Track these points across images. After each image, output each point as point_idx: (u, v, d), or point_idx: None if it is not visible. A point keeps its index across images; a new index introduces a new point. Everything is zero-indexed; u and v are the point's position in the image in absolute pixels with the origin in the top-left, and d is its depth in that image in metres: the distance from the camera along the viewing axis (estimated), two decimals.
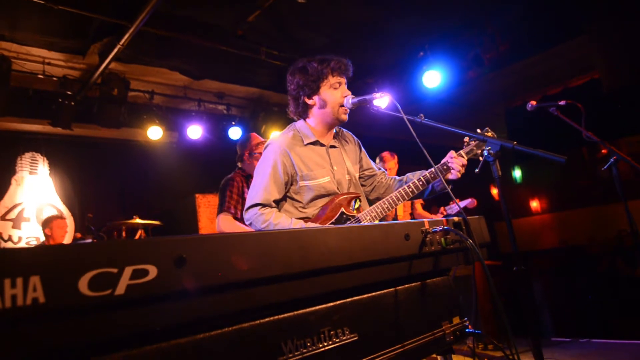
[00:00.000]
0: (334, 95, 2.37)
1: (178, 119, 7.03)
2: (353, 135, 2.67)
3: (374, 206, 2.34)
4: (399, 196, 2.30)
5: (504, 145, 1.79)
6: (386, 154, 5.04)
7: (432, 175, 2.29)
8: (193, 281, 0.96)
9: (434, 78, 6.03)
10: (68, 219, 6.50)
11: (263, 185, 2.30)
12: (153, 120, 6.61)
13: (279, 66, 5.99)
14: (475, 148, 2.32)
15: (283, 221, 2.21)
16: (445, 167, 2.29)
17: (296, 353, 1.14)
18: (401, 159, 5.11)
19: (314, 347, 1.19)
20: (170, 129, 7.01)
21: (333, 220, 2.26)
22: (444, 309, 1.65)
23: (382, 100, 2.27)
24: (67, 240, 5.74)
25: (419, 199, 4.25)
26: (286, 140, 2.38)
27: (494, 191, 9.52)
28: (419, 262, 1.54)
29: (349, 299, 1.34)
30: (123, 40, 4.79)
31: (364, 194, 2.53)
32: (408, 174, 2.52)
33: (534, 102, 3.20)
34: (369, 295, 1.40)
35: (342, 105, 2.37)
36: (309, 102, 2.42)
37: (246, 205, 2.34)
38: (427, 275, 1.63)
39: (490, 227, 1.92)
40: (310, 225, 2.23)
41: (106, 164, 7.17)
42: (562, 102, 3.14)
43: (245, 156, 3.71)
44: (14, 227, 6.23)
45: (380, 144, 5.39)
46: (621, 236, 6.82)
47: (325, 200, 2.33)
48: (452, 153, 2.35)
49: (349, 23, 5.51)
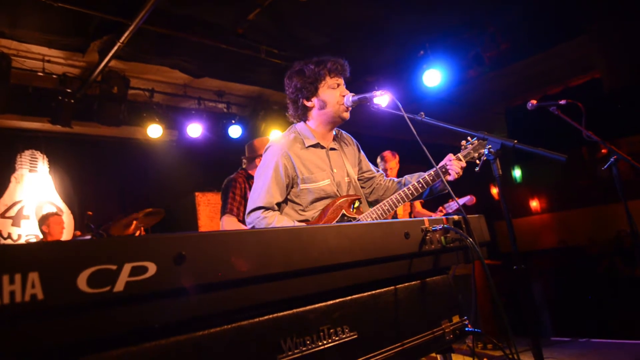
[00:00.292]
0: (333, 94, 2.36)
1: (178, 117, 7.03)
2: (352, 137, 2.67)
3: (374, 208, 2.34)
4: (399, 198, 2.32)
5: (505, 143, 1.78)
6: (387, 154, 5.04)
7: (431, 178, 2.31)
8: (192, 278, 0.96)
9: (434, 77, 6.02)
10: (67, 217, 6.50)
11: (265, 187, 2.27)
12: (153, 118, 6.60)
13: (279, 65, 5.98)
14: (472, 151, 2.33)
15: (286, 224, 2.20)
16: (443, 170, 2.30)
17: (295, 351, 1.14)
18: (401, 159, 5.11)
19: (314, 345, 1.18)
20: (170, 127, 6.99)
21: (334, 222, 2.26)
22: (444, 307, 1.65)
23: (382, 99, 2.27)
24: (66, 237, 5.73)
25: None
26: (287, 142, 2.37)
27: (494, 191, 9.52)
28: (419, 261, 1.53)
29: (349, 297, 1.34)
30: (123, 38, 4.78)
31: (363, 196, 2.53)
32: (406, 176, 2.53)
33: (534, 101, 3.20)
34: (369, 293, 1.40)
35: (342, 104, 2.36)
36: (308, 104, 2.41)
37: (248, 208, 2.31)
38: (426, 273, 1.63)
39: (490, 226, 1.91)
40: None
41: (106, 162, 7.16)
42: (562, 102, 3.14)
43: (257, 159, 3.69)
44: (13, 224, 6.22)
45: (381, 144, 5.39)
46: (621, 236, 6.81)
47: (324, 202, 2.33)
48: (450, 156, 2.36)
49: (349, 21, 5.50)
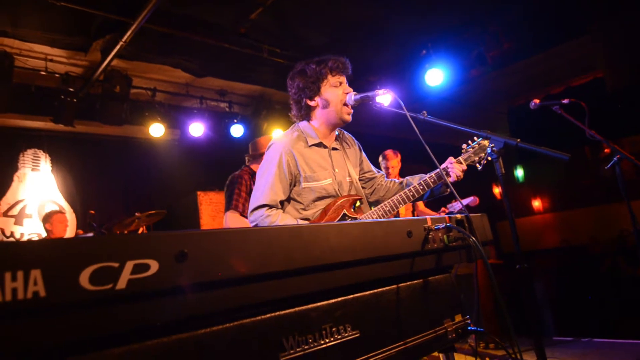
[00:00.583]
0: (336, 93, 2.36)
1: (180, 116, 7.03)
2: (354, 138, 2.67)
3: (376, 208, 2.35)
4: (400, 200, 2.33)
5: (508, 142, 1.78)
6: (389, 152, 5.04)
7: (432, 180, 2.32)
8: (194, 276, 0.96)
9: (436, 76, 6.01)
10: (70, 216, 6.51)
11: (269, 185, 2.26)
12: (155, 117, 6.60)
13: (281, 64, 5.98)
14: (473, 155, 2.35)
15: (289, 223, 2.19)
16: (445, 173, 2.31)
17: (297, 349, 1.14)
18: (403, 158, 5.11)
19: (316, 344, 1.18)
20: (172, 127, 7.00)
21: (335, 221, 2.26)
22: (446, 306, 1.64)
23: (384, 97, 2.26)
24: (69, 236, 5.74)
25: None
26: (291, 140, 2.37)
27: (496, 190, 9.50)
28: (421, 260, 1.53)
29: (351, 296, 1.33)
30: (125, 37, 4.79)
31: (364, 196, 2.53)
32: (407, 177, 2.54)
33: (537, 101, 3.20)
34: (371, 292, 1.39)
35: (345, 104, 2.36)
36: (311, 103, 2.41)
37: (251, 206, 2.30)
38: (429, 272, 1.62)
39: (492, 226, 1.91)
40: None
41: (108, 161, 7.17)
42: (565, 101, 3.13)
43: (261, 157, 3.67)
44: (16, 223, 6.24)
45: (383, 143, 5.39)
46: (623, 236, 6.80)
47: (325, 202, 2.32)
48: (451, 159, 2.37)
49: (351, 21, 5.50)
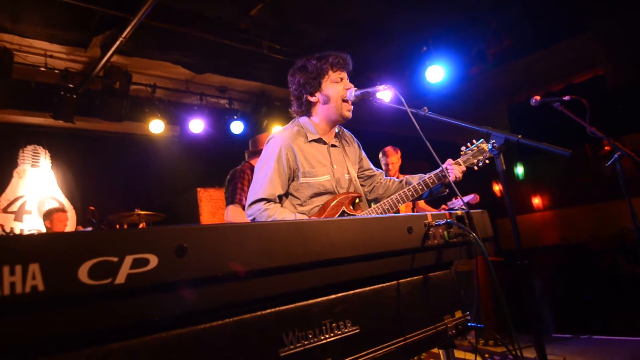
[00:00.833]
0: (337, 88, 2.35)
1: (180, 112, 7.02)
2: (353, 136, 2.67)
3: (375, 206, 2.35)
4: (399, 198, 2.35)
5: (509, 138, 1.77)
6: (389, 149, 5.04)
7: (432, 181, 2.34)
8: (194, 271, 0.95)
9: (437, 73, 6.00)
10: (70, 212, 6.50)
11: (267, 178, 2.25)
12: (155, 113, 6.59)
13: (281, 60, 5.96)
14: (472, 157, 2.36)
15: (287, 217, 2.19)
16: (443, 174, 2.32)
17: (297, 345, 1.13)
18: (404, 155, 5.11)
19: (316, 339, 1.18)
20: (172, 123, 6.99)
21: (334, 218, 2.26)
22: (446, 302, 1.64)
23: (385, 93, 2.26)
24: None
25: None
26: (291, 134, 2.35)
27: (496, 188, 9.50)
28: (422, 256, 1.53)
29: (351, 292, 1.33)
30: (125, 33, 4.77)
31: (363, 194, 2.53)
32: (407, 176, 2.55)
33: (538, 97, 3.19)
34: (371, 288, 1.39)
35: (345, 100, 2.35)
36: (312, 99, 2.40)
37: (249, 199, 2.29)
38: (429, 268, 1.62)
39: (492, 223, 1.91)
40: None
41: (108, 157, 7.17)
42: (566, 98, 3.13)
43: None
44: (15, 219, 6.24)
45: (383, 139, 5.38)
46: (623, 233, 6.79)
47: (323, 198, 2.32)
48: (450, 161, 2.38)
49: (352, 17, 5.48)
